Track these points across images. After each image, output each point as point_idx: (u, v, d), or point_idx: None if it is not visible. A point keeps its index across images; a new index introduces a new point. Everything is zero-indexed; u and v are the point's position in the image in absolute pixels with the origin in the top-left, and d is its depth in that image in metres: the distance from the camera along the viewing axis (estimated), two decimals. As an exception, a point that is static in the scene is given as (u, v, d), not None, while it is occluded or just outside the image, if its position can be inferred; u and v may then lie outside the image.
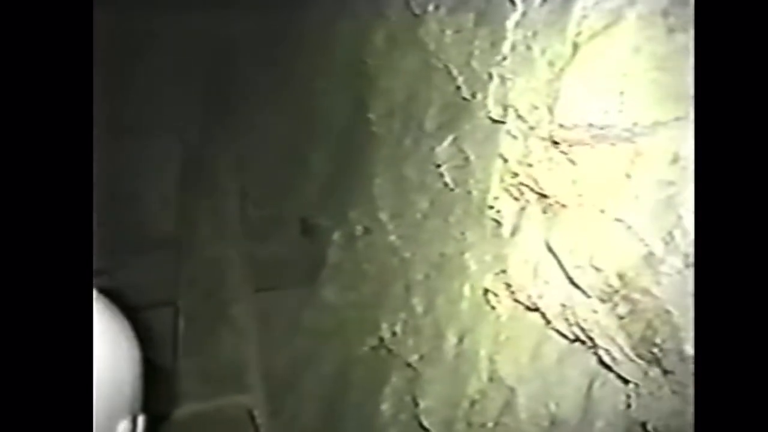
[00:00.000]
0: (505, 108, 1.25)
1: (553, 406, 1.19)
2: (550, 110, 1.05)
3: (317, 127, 2.34)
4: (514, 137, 1.19)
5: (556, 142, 1.02)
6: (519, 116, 1.17)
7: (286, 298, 2.01)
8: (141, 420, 1.09)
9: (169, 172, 2.33)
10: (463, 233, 1.48)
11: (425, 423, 1.52)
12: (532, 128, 1.12)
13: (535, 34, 1.13)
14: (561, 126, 0.99)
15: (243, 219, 2.11)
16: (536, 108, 1.11)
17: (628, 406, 1.03)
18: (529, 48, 1.16)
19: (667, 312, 0.90)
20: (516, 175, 1.18)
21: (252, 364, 1.66)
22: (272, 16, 2.41)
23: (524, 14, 1.19)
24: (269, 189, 2.25)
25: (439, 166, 1.59)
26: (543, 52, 1.10)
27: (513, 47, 1.22)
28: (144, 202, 2.44)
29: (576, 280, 1.03)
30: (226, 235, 2.00)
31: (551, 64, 1.07)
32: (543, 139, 1.09)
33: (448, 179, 1.56)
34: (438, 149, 1.60)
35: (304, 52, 2.39)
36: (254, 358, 1.68)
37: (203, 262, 1.89)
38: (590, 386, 1.12)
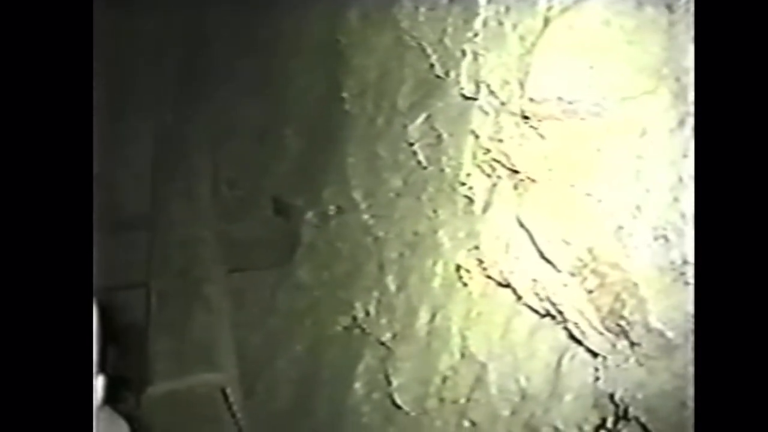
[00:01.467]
0: (478, 84, 1.25)
1: (523, 381, 1.19)
2: (521, 85, 1.05)
3: (290, 108, 2.33)
4: (486, 113, 1.19)
5: (526, 117, 1.02)
6: (491, 92, 1.17)
7: (259, 278, 2.01)
8: (100, 380, 1.08)
9: (142, 152, 2.30)
10: (435, 211, 1.48)
11: (398, 401, 1.53)
12: (503, 104, 1.12)
13: (507, 9, 1.13)
14: (531, 100, 0.99)
15: (216, 199, 2.09)
16: (507, 83, 1.11)
17: (597, 378, 1.04)
18: (500, 23, 1.15)
19: (635, 285, 0.90)
20: (488, 151, 1.18)
21: (225, 343, 1.65)
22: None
23: (496, -11, 1.18)
24: (242, 169, 2.24)
25: (411, 144, 1.58)
26: (514, 27, 1.10)
27: (485, 23, 1.22)
28: (117, 182, 2.42)
29: (547, 255, 1.04)
30: (199, 215, 1.98)
31: (522, 38, 1.07)
32: (514, 114, 1.09)
33: (421, 157, 1.56)
34: (411, 127, 1.59)
35: (279, 32, 2.37)
36: (227, 338, 1.68)
37: (176, 242, 1.87)
38: (560, 361, 1.13)
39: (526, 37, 1.06)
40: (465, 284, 1.32)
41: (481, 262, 1.24)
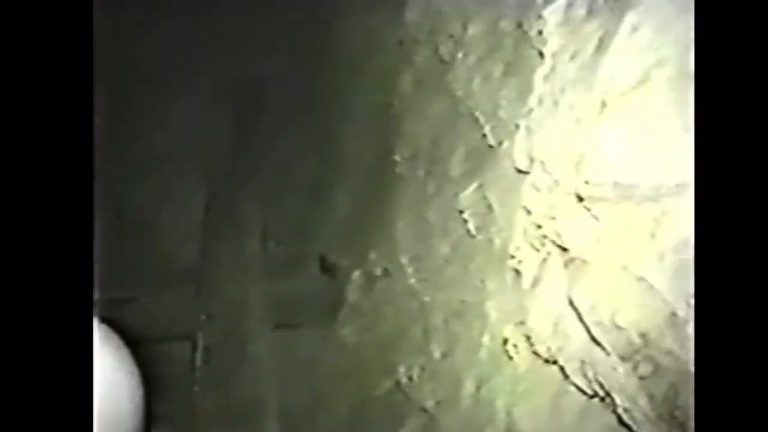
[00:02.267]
0: (531, 159, 1.26)
1: (571, 463, 1.17)
2: (576, 166, 1.06)
3: (341, 168, 2.36)
4: (538, 190, 1.19)
5: (580, 198, 1.03)
6: (544, 169, 1.17)
7: (304, 337, 2.01)
8: None
9: (194, 207, 2.34)
10: (483, 281, 1.48)
11: (440, 472, 1.51)
12: (557, 182, 1.13)
13: (563, 89, 1.15)
14: (586, 182, 1.00)
15: (264, 256, 2.11)
16: (562, 162, 1.11)
17: (648, 466, 1.02)
18: (556, 102, 1.17)
19: (691, 373, 0.89)
20: (539, 227, 1.18)
21: (270, 402, 1.66)
22: (301, 58, 2.44)
23: (553, 68, 1.20)
24: (291, 228, 2.27)
25: (461, 212, 1.59)
26: (570, 107, 1.11)
27: (540, 100, 1.23)
28: (167, 236, 2.46)
29: (597, 337, 1.03)
30: (246, 271, 2.00)
31: (578, 120, 1.08)
32: (567, 193, 1.10)
33: (470, 226, 1.57)
34: (461, 195, 1.61)
35: (331, 93, 2.41)
36: (272, 396, 1.68)
37: (223, 298, 1.89)
38: (609, 441, 1.11)
39: (582, 119, 1.07)
40: (510, 358, 1.31)
41: (528, 337, 1.23)
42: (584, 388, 1.11)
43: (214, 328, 1.81)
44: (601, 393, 1.06)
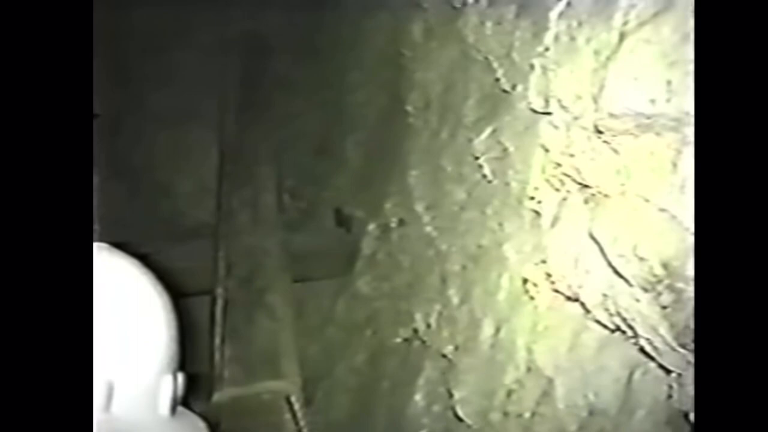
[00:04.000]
0: (547, 99, 1.25)
1: (591, 396, 1.19)
2: (595, 100, 1.05)
3: (353, 119, 2.35)
4: (556, 127, 1.19)
5: (600, 132, 1.03)
6: (562, 106, 1.17)
7: (321, 289, 2.03)
8: (181, 377, 1.13)
9: (207, 162, 2.36)
10: (501, 224, 1.48)
11: (460, 413, 1.53)
12: (575, 118, 1.12)
13: (580, 24, 1.13)
14: (606, 116, 0.99)
15: (279, 210, 2.13)
16: (580, 98, 1.11)
17: (670, 396, 1.03)
18: (573, 38, 1.16)
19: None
20: (558, 165, 1.18)
21: (288, 351, 1.68)
22: (309, 9, 2.42)
23: (569, 4, 1.19)
24: (304, 180, 2.28)
25: (477, 157, 1.59)
26: (588, 41, 1.10)
27: (556, 38, 1.22)
28: (181, 191, 2.48)
29: (619, 270, 1.03)
30: (262, 225, 2.01)
31: (597, 53, 1.07)
32: (586, 129, 1.09)
33: (486, 171, 1.57)
34: (476, 141, 1.60)
35: (341, 44, 2.40)
36: (290, 346, 1.70)
37: (240, 250, 1.91)
38: (630, 376, 1.12)
39: (600, 52, 1.06)
40: (531, 298, 1.32)
41: (548, 275, 1.24)
42: (605, 322, 1.12)
43: (232, 280, 1.83)
44: (623, 326, 1.07)
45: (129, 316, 1.08)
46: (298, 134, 2.48)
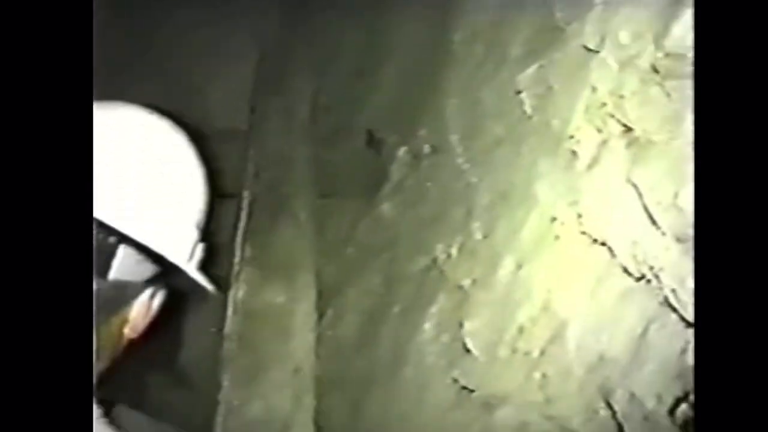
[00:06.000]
0: (603, 37, 1.21)
1: (604, 343, 1.18)
2: (656, 41, 1.02)
3: (393, 44, 2.31)
4: (609, 66, 1.16)
5: (656, 71, 0.99)
6: (619, 45, 1.13)
7: (344, 207, 2.02)
8: (200, 247, 1.16)
9: (244, 68, 2.33)
10: (535, 162, 1.46)
11: (469, 345, 1.53)
12: (631, 57, 1.09)
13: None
14: (667, 55, 0.96)
15: (312, 122, 2.11)
16: (640, 37, 1.07)
17: (684, 351, 1.02)
18: (639, -26, 1.11)
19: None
20: (604, 105, 1.15)
21: (306, 262, 1.69)
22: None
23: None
24: (340, 98, 2.25)
25: (519, 92, 1.56)
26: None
27: (620, -27, 1.18)
28: (215, 93, 2.46)
29: (654, 217, 1.01)
30: (293, 134, 2.00)
31: (664, -9, 1.03)
32: (641, 69, 1.06)
33: (527, 107, 1.54)
34: (520, 76, 1.57)
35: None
36: (309, 258, 1.71)
37: (269, 156, 1.90)
38: (647, 328, 1.11)
39: (668, -10, 1.02)
40: (557, 237, 1.30)
41: (579, 216, 1.22)
42: (631, 269, 1.10)
43: (259, 185, 1.83)
44: (649, 275, 1.06)
45: (173, 179, 1.11)
46: (338, 52, 2.44)
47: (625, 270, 1.12)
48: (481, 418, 1.45)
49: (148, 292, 1.19)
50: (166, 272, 1.21)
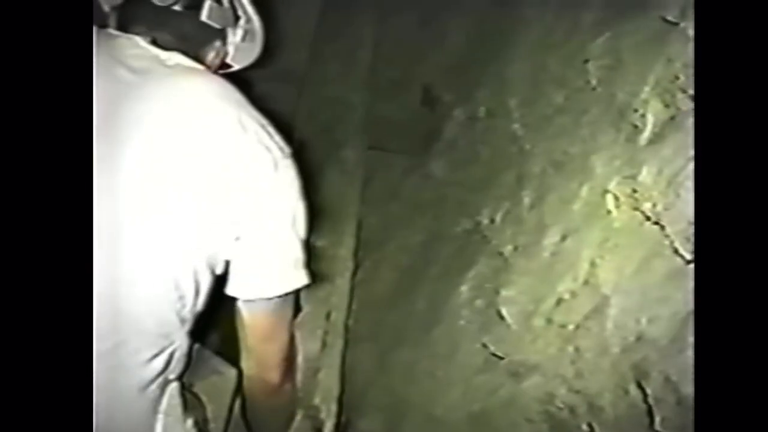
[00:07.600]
0: (684, 9, 1.16)
1: (644, 323, 1.15)
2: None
3: (461, 1, 2.26)
4: (688, 39, 1.11)
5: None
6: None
7: (393, 161, 2.00)
8: None
9: (304, 11, 2.30)
10: (593, 134, 1.42)
11: (503, 311, 1.52)
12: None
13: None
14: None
15: (370, 72, 2.08)
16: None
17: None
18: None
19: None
20: (677, 78, 1.11)
21: (350, 211, 1.67)
22: None
23: None
24: (400, 52, 2.21)
25: (586, 61, 1.51)
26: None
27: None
28: (276, 34, 2.44)
29: (715, 199, 0.97)
30: (350, 80, 1.98)
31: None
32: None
33: (592, 77, 1.49)
34: (590, 45, 1.52)
35: None
36: (353, 207, 1.70)
37: (326, 99, 1.88)
38: (691, 313, 1.08)
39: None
40: (608, 212, 1.27)
41: (634, 191, 1.18)
42: (683, 251, 1.07)
43: (311, 126, 1.82)
44: (701, 258, 1.02)
45: None
46: (403, 4, 2.39)
47: (676, 251, 1.09)
48: (507, 385, 1.44)
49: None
50: None
